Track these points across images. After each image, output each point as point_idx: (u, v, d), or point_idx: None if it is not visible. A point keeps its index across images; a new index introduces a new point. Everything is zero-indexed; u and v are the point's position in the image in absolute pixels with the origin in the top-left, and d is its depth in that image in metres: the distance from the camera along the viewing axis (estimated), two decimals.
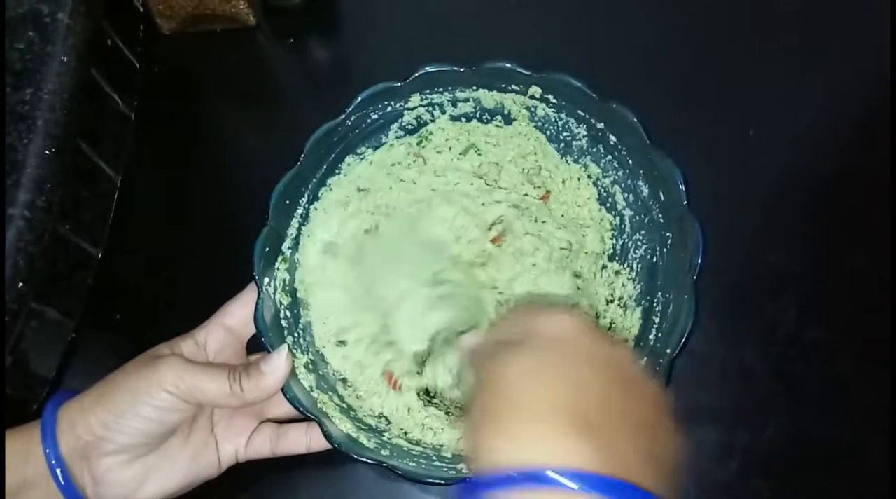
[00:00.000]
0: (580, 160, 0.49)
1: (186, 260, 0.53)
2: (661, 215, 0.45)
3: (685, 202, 0.42)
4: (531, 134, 0.50)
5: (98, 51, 0.50)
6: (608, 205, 0.48)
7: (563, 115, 0.48)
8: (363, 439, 0.42)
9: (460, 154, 0.50)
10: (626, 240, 0.48)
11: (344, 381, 0.46)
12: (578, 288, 0.48)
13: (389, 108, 0.48)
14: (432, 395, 0.45)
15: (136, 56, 0.57)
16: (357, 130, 0.48)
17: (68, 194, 0.46)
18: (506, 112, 0.49)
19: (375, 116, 0.48)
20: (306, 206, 0.47)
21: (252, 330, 0.43)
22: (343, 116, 0.46)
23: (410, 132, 0.50)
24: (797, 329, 0.49)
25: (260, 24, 0.59)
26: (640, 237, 0.47)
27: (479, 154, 0.50)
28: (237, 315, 0.44)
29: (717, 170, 0.51)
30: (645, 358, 0.43)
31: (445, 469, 0.41)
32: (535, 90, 0.47)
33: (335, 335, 0.47)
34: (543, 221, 0.49)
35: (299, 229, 0.47)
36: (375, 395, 0.45)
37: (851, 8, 0.58)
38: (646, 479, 0.26)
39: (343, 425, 0.42)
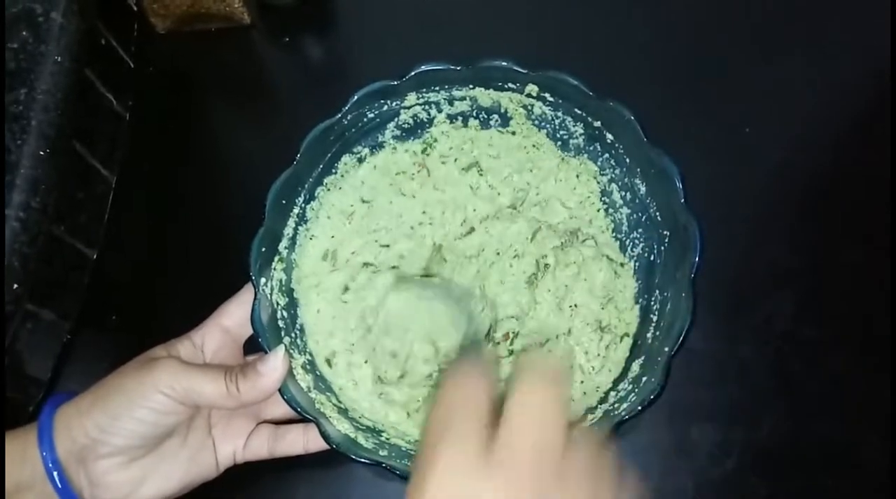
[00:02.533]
0: (577, 157, 0.49)
1: (182, 261, 0.53)
2: (658, 213, 0.45)
3: (682, 200, 0.42)
4: (529, 140, 0.49)
5: (92, 50, 0.50)
6: (606, 203, 0.48)
7: (559, 114, 0.48)
8: (361, 440, 0.42)
9: (463, 169, 0.50)
10: (624, 238, 0.48)
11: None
12: None
13: (386, 107, 0.48)
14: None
15: (131, 56, 0.57)
16: (353, 129, 0.47)
17: (63, 195, 0.46)
18: (502, 111, 0.49)
19: (372, 115, 0.48)
20: (303, 205, 0.47)
21: (249, 331, 0.42)
22: (339, 115, 0.45)
23: (407, 131, 0.50)
24: (794, 326, 0.49)
25: (254, 22, 0.59)
26: (638, 235, 0.47)
27: (481, 174, 0.49)
28: (234, 316, 0.44)
29: (714, 167, 0.51)
30: (643, 357, 0.43)
31: None
32: (532, 88, 0.47)
33: (324, 355, 0.46)
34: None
35: (296, 229, 0.47)
36: (366, 401, 0.45)
37: (849, 4, 0.58)
38: None
39: (341, 426, 0.42)
